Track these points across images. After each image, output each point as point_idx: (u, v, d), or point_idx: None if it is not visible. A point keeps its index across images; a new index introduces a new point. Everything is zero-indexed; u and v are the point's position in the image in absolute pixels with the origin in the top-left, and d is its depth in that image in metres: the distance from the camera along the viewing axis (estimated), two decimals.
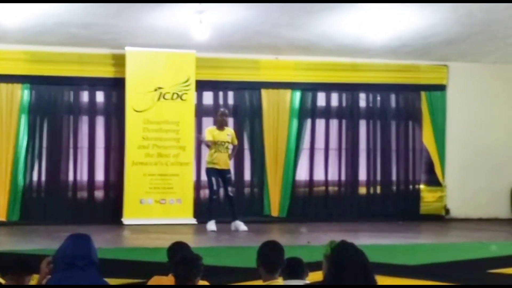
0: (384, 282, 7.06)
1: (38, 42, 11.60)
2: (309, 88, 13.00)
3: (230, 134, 11.33)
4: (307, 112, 13.03)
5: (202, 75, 12.15)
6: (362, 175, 13.28)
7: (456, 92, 13.54)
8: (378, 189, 13.33)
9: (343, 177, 13.21)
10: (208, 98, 12.68)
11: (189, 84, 12.03)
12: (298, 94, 12.95)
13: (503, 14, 11.04)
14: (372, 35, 11.52)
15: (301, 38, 11.99)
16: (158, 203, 11.87)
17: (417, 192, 13.44)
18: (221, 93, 12.73)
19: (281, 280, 4.94)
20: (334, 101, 13.24)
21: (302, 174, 13.03)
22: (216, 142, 11.11)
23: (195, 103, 12.29)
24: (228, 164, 11.23)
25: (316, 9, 10.74)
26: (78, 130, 12.16)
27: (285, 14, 10.96)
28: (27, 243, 9.40)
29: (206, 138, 11.29)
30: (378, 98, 13.39)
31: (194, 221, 11.82)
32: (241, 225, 11.01)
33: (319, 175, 13.15)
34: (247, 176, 12.79)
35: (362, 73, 13.10)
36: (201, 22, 10.63)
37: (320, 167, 13.15)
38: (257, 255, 4.95)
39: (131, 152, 11.80)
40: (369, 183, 13.30)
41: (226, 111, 11.64)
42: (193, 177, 12.18)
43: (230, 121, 12.01)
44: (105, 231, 10.42)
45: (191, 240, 9.41)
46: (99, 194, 12.22)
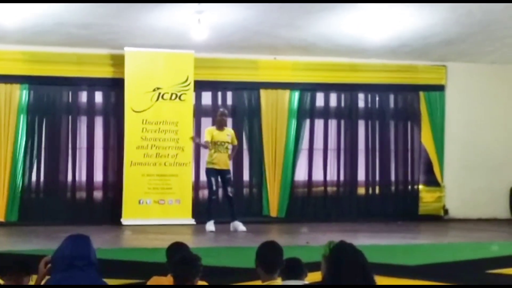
0: (383, 282, 7.07)
1: (37, 42, 11.60)
2: (307, 88, 13.00)
3: (230, 134, 11.32)
4: (306, 112, 13.03)
5: (201, 75, 12.15)
6: (361, 176, 13.28)
7: (455, 92, 13.55)
8: (377, 190, 13.33)
9: (342, 178, 13.21)
10: (206, 98, 12.67)
11: (188, 84, 12.02)
12: (296, 94, 12.95)
13: (502, 14, 11.03)
14: (371, 35, 11.51)
15: (300, 38, 11.99)
16: (157, 203, 11.87)
17: (416, 192, 13.44)
18: (219, 93, 12.73)
19: (280, 281, 4.94)
20: (333, 101, 13.24)
21: (301, 175, 13.02)
22: (216, 142, 11.10)
23: (194, 103, 12.29)
24: (228, 164, 11.21)
25: (315, 9, 10.73)
26: (76, 131, 12.16)
27: (284, 14, 10.95)
28: (25, 244, 9.38)
29: (205, 139, 11.28)
30: (377, 98, 13.39)
31: (193, 221, 11.82)
32: (240, 226, 11.00)
33: (318, 176, 13.15)
34: (246, 177, 12.78)
35: (360, 73, 13.11)
36: (200, 22, 10.62)
37: (319, 167, 13.15)
38: (256, 256, 4.95)
39: (130, 153, 11.79)
40: (368, 183, 13.30)
41: (226, 111, 11.62)
42: (192, 177, 12.17)
43: (229, 121, 12.00)
44: (104, 231, 10.41)
45: (190, 240, 9.41)
46: (98, 194, 12.22)
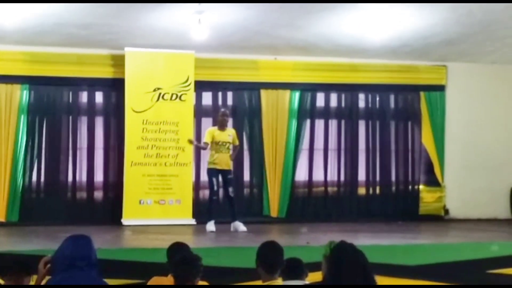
0: (384, 282, 7.07)
1: (37, 42, 11.60)
2: (308, 89, 13.00)
3: (231, 134, 11.32)
4: (306, 113, 13.03)
5: (201, 76, 12.15)
6: (362, 176, 13.27)
7: (455, 93, 13.54)
8: (378, 190, 13.33)
9: (342, 178, 13.21)
10: (207, 98, 12.67)
11: (188, 85, 12.02)
12: (297, 95, 12.95)
13: (502, 14, 11.04)
14: (371, 35, 11.51)
15: (300, 39, 11.98)
16: (158, 203, 11.86)
17: (417, 193, 13.43)
18: (220, 94, 12.73)
19: (280, 281, 4.94)
20: (333, 102, 13.24)
21: (301, 175, 13.02)
22: (217, 142, 11.10)
23: (194, 104, 12.29)
24: (229, 164, 11.20)
25: (316, 9, 10.73)
26: (77, 131, 12.16)
27: (284, 15, 10.95)
28: (26, 244, 9.38)
29: (204, 139, 11.31)
30: (377, 99, 13.39)
31: (193, 221, 11.81)
32: (240, 226, 11.00)
33: (318, 176, 13.14)
34: (246, 177, 12.78)
35: (361, 74, 13.10)
36: (200, 22, 10.62)
37: (319, 167, 13.15)
38: (257, 256, 4.95)
39: (130, 153, 11.79)
40: (369, 183, 13.30)
41: (227, 111, 11.62)
42: (192, 177, 12.17)
43: (229, 121, 11.98)
44: (105, 231, 10.41)
45: (190, 240, 9.40)
46: (98, 194, 12.22)
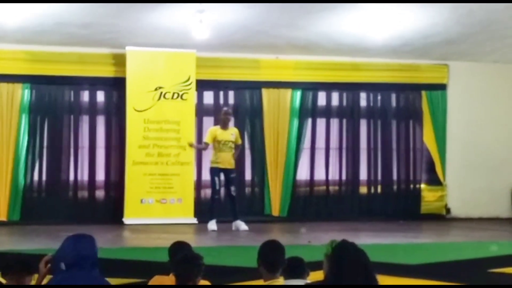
0: (385, 282, 7.06)
1: (39, 41, 11.60)
2: (309, 88, 13.00)
3: (234, 133, 11.31)
4: (308, 112, 13.03)
5: (203, 75, 12.15)
6: (363, 175, 13.28)
7: (456, 92, 13.54)
8: (379, 189, 13.33)
9: (343, 177, 13.21)
10: (208, 97, 12.67)
11: (190, 84, 12.02)
12: (298, 94, 12.95)
13: (503, 14, 11.04)
14: (373, 34, 11.51)
15: (302, 38, 11.98)
16: (159, 202, 11.87)
17: (418, 192, 13.43)
18: (221, 93, 12.73)
19: (282, 280, 4.94)
20: (335, 101, 13.24)
21: (302, 174, 13.02)
22: (220, 141, 11.10)
23: (196, 103, 12.29)
24: (232, 163, 11.20)
25: (316, 8, 10.74)
26: (78, 130, 12.16)
27: (286, 14, 10.95)
28: (27, 243, 9.40)
29: (205, 139, 11.32)
30: (379, 98, 13.39)
31: (194, 220, 11.82)
32: (242, 225, 11.00)
33: (319, 175, 13.14)
34: (248, 176, 12.78)
35: (362, 73, 13.10)
36: (202, 21, 10.62)
37: (321, 166, 13.15)
38: (258, 255, 4.94)
39: (132, 152, 11.79)
40: (370, 182, 13.30)
41: (230, 110, 11.62)
42: (193, 176, 12.17)
43: (232, 120, 11.99)
44: (106, 230, 10.42)
45: (192, 239, 9.41)
46: (99, 193, 12.23)
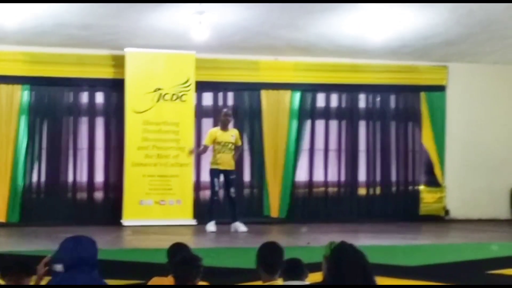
0: (384, 283, 7.06)
1: (38, 43, 11.60)
2: (308, 89, 13.00)
3: (234, 134, 11.31)
4: (307, 113, 13.02)
5: (202, 76, 12.15)
6: (362, 176, 13.27)
7: (455, 93, 13.54)
8: (378, 190, 13.32)
9: (342, 178, 13.20)
10: (207, 99, 12.67)
11: (189, 85, 12.03)
12: (297, 95, 12.95)
13: (503, 14, 11.03)
14: (372, 35, 11.50)
15: (301, 39, 11.98)
16: (158, 204, 11.87)
17: (417, 193, 13.42)
18: (220, 94, 12.73)
19: (280, 281, 4.94)
20: (334, 102, 13.24)
21: (301, 175, 13.01)
22: (219, 142, 11.10)
23: (195, 104, 12.29)
24: (232, 164, 11.19)
25: (316, 9, 10.73)
26: (77, 131, 12.16)
27: (285, 15, 10.94)
28: (26, 244, 9.40)
29: (204, 142, 11.34)
30: (378, 99, 13.39)
31: (193, 222, 11.82)
32: (240, 226, 11.00)
33: (318, 176, 13.14)
34: (247, 177, 12.78)
35: (361, 74, 13.10)
36: (201, 23, 10.61)
37: (320, 168, 13.14)
38: (257, 256, 4.95)
39: (131, 153, 11.80)
40: (369, 184, 13.29)
41: (230, 111, 11.61)
42: (192, 178, 12.17)
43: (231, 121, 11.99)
44: (105, 232, 10.42)
45: (190, 241, 9.41)
46: (98, 195, 12.22)
